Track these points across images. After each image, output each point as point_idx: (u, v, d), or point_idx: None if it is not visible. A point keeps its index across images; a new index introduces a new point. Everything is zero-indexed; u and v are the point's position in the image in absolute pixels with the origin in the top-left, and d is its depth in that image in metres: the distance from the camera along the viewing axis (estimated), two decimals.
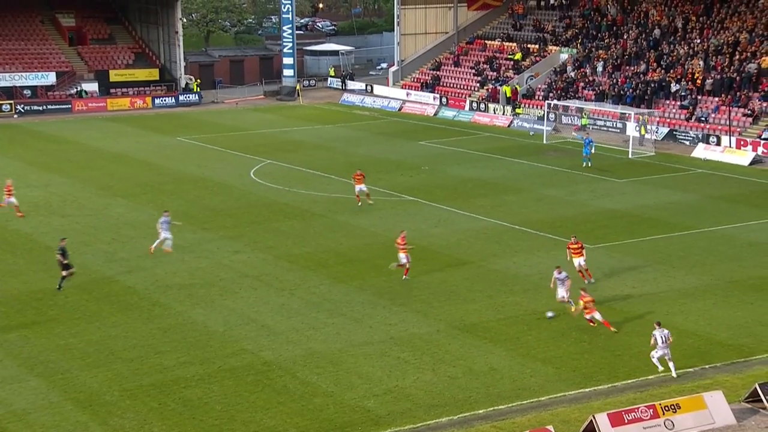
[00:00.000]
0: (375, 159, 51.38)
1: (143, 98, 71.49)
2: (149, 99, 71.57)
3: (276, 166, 49.75)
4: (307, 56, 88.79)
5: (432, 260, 32.64)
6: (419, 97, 71.72)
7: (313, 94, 78.62)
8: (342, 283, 30.27)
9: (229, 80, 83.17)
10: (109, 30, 76.59)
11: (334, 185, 44.73)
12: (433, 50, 77.36)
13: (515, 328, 26.26)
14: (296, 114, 68.99)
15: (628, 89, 59.65)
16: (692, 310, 27.38)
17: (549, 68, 67.83)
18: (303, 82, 79.87)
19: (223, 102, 74.55)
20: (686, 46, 61.32)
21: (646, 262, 32.00)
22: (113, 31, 76.73)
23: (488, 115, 64.62)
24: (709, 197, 41.74)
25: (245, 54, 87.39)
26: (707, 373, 23.26)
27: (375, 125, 63.66)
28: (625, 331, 26.00)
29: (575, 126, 58.87)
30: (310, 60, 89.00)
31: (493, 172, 47.60)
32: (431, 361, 24.10)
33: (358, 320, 27.07)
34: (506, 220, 37.84)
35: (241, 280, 30.67)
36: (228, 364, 23.97)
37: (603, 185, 44.25)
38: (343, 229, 36.72)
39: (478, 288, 29.74)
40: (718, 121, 54.21)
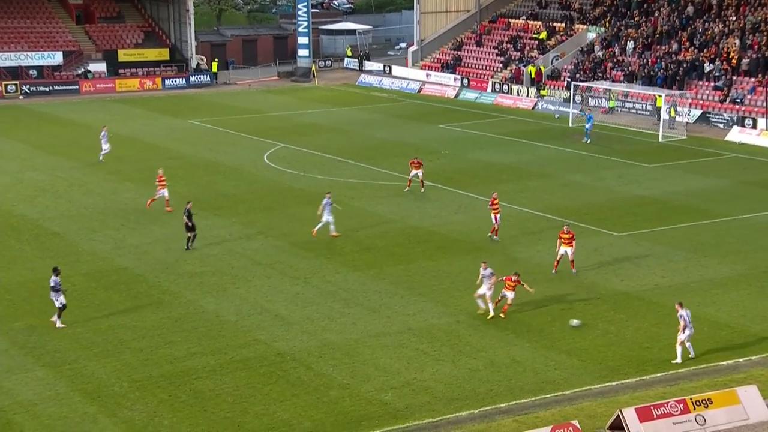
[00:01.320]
0: (393, 143, 51.31)
1: (153, 79, 71.69)
2: (159, 80, 71.77)
3: (290, 150, 49.77)
4: (322, 36, 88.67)
5: (452, 248, 32.59)
6: (439, 79, 71.48)
7: (329, 75, 78.54)
8: (358, 272, 30.30)
9: (241, 61, 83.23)
10: (118, 8, 76.79)
11: (351, 170, 44.72)
12: (454, 29, 77.01)
13: (539, 319, 26.20)
14: (311, 96, 68.95)
15: (658, 70, 59.16)
16: (725, 301, 27.20)
17: (576, 48, 67.38)
18: (318, 63, 79.81)
19: (235, 83, 74.65)
20: (721, 23, 60.66)
21: (676, 251, 31.81)
22: (122, 9, 76.92)
23: (511, 97, 64.32)
24: (743, 183, 41.38)
25: (258, 33, 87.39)
26: (741, 366, 23.12)
27: (393, 108, 63.52)
28: (653, 322, 25.87)
29: (603, 108, 58.49)
30: (326, 39, 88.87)
31: (516, 156, 47.42)
32: (451, 353, 24.10)
33: (375, 310, 27.10)
34: (530, 206, 37.69)
35: (254, 267, 30.76)
36: (240, 355, 24.08)
37: (631, 170, 43.98)
38: (359, 216, 36.71)
39: (500, 277, 29.60)
40: (754, 102, 53.66)
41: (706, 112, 54.91)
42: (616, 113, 57.93)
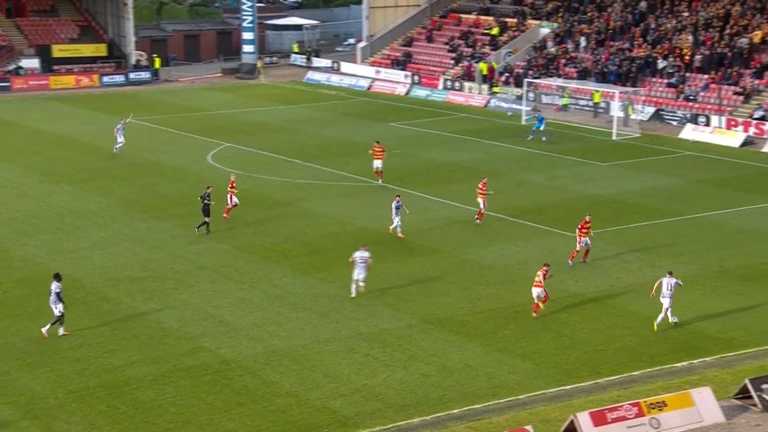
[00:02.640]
0: (342, 141, 51.28)
1: (90, 76, 70.68)
2: (96, 77, 70.77)
3: (235, 149, 49.47)
4: (268, 31, 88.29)
5: (404, 250, 32.69)
6: (389, 75, 71.62)
7: (276, 72, 78.23)
8: (307, 275, 30.23)
9: (183, 57, 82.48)
10: (52, 1, 75.56)
11: (299, 170, 44.60)
12: (404, 25, 77.25)
13: (492, 322, 26.40)
14: (257, 93, 68.61)
15: (612, 66, 60.01)
16: (679, 302, 27.64)
17: (528, 44, 68.05)
18: (264, 59, 79.42)
19: (177, 80, 73.96)
20: (674, 19, 61.77)
21: (630, 251, 32.30)
22: (56, 2, 75.72)
23: (463, 95, 64.73)
24: (697, 181, 42.18)
25: (201, 28, 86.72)
26: (695, 368, 23.55)
27: (342, 105, 63.49)
28: (608, 324, 26.24)
29: (556, 106, 59.17)
30: (272, 35, 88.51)
31: (468, 155, 47.73)
32: (402, 358, 24.16)
33: (324, 315, 27.06)
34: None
35: (197, 272, 30.51)
36: (183, 363, 23.86)
37: (585, 169, 44.55)
38: (308, 218, 36.64)
39: (452, 280, 29.85)
40: (708, 99, 54.74)
41: (659, 110, 55.84)
42: (569, 111, 58.61)
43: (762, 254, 31.88)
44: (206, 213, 34.22)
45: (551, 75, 61.99)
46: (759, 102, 52.71)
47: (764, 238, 33.57)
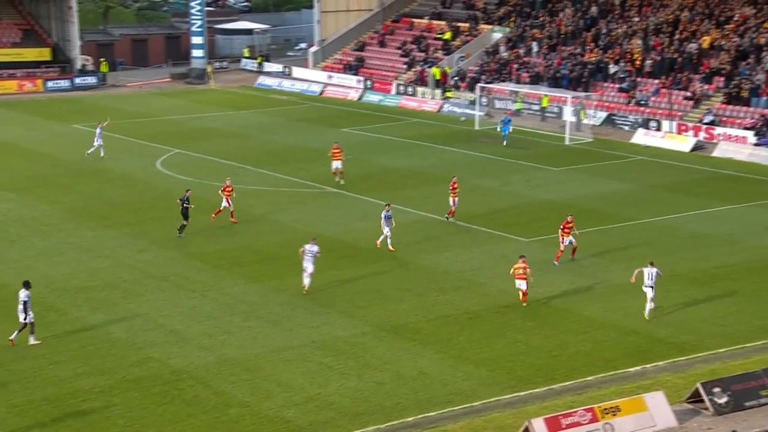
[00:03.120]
0: (294, 147, 51.18)
1: (33, 81, 69.65)
2: (40, 82, 69.78)
3: (185, 155, 49.11)
4: (218, 35, 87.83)
5: (357, 257, 32.71)
6: (342, 80, 71.67)
7: (226, 76, 77.83)
8: (259, 283, 30.10)
9: (131, 61, 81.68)
10: None
11: (250, 176, 44.40)
12: (357, 29, 77.39)
13: (446, 329, 26.52)
14: (207, 99, 68.19)
15: (564, 71, 60.71)
16: (632, 306, 28.07)
17: (480, 49, 68.58)
18: (214, 64, 79.02)
19: (125, 85, 73.22)
20: (624, 24, 62.71)
21: (583, 256, 32.67)
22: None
23: (416, 100, 64.99)
24: (649, 186, 42.82)
25: (149, 32, 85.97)
26: (648, 372, 23.88)
27: (294, 111, 63.37)
28: (561, 329, 26.51)
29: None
30: (222, 39, 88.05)
31: (422, 160, 47.92)
32: (356, 366, 24.16)
33: (276, 323, 26.96)
34: (436, 212, 38.13)
35: (146, 281, 30.22)
36: (132, 374, 23.60)
37: (539, 174, 44.99)
38: (260, 225, 36.50)
39: (406, 286, 29.93)
40: (659, 104, 55.62)
41: (611, 114, 56.61)
42: (522, 116, 59.14)
43: (713, 258, 32.46)
44: (185, 216, 34.39)
45: (504, 80, 62.52)
46: (708, 107, 53.71)
47: (715, 243, 34.20)
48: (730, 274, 30.83)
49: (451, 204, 36.33)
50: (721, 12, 59.19)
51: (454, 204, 36.32)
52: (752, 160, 47.26)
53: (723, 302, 28.36)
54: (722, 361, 24.33)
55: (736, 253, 32.96)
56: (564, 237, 31.85)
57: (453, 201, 36.31)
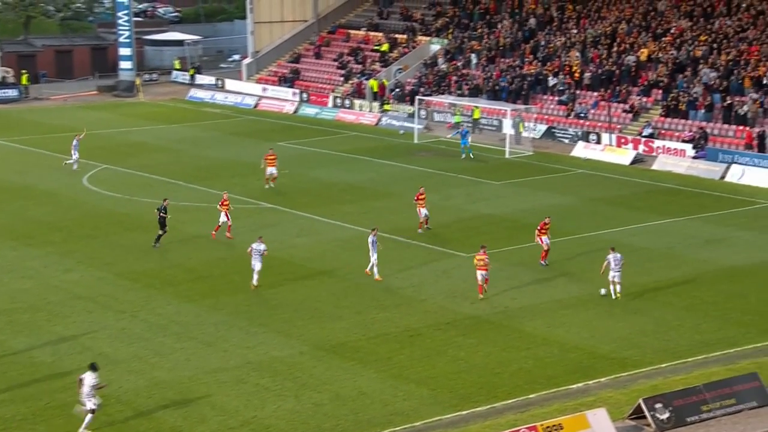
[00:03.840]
0: (228, 162, 50.86)
1: None
2: None
3: (113, 171, 48.47)
4: (147, 47, 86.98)
5: (294, 274, 32.59)
6: (277, 93, 71.51)
7: (156, 89, 77.10)
8: (192, 303, 29.80)
9: (55, 73, 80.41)
10: None
11: (182, 192, 43.98)
12: (291, 40, 77.36)
13: (386, 347, 26.54)
14: (136, 112, 67.44)
15: (503, 83, 61.45)
16: (574, 322, 28.45)
17: (419, 61, 69.07)
18: (143, 76, 78.22)
19: (48, 98, 72.03)
20: (563, 36, 63.77)
21: (525, 271, 33.03)
22: None
23: (354, 113, 65.15)
24: (589, 200, 43.51)
25: (74, 44, 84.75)
26: (590, 389, 24.19)
27: (227, 124, 63.02)
28: (503, 347, 26.72)
29: (448, 124, 60.17)
30: (151, 51, 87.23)
31: (360, 175, 47.99)
32: (294, 387, 24.04)
33: (210, 344, 26.70)
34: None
35: (73, 302, 29.70)
36: (57, 400, 23.14)
37: (480, 188, 45.40)
38: (193, 242, 36.17)
39: (345, 304, 29.90)
40: (598, 117, 56.61)
41: (551, 127, 57.43)
42: (461, 128, 59.57)
43: (654, 272, 33.08)
44: (162, 226, 35.05)
45: (443, 92, 63.05)
46: (647, 119, 54.82)
47: (655, 256, 34.86)
48: (671, 287, 31.45)
49: (419, 215, 37.34)
50: (658, 24, 60.59)
51: (420, 215, 37.34)
52: (691, 173, 48.35)
53: (664, 316, 28.90)
54: (664, 376, 24.77)
55: (676, 266, 33.65)
56: (541, 237, 33.28)
57: (420, 211, 37.37)
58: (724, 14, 58.84)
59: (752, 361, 25.44)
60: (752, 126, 50.54)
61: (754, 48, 54.63)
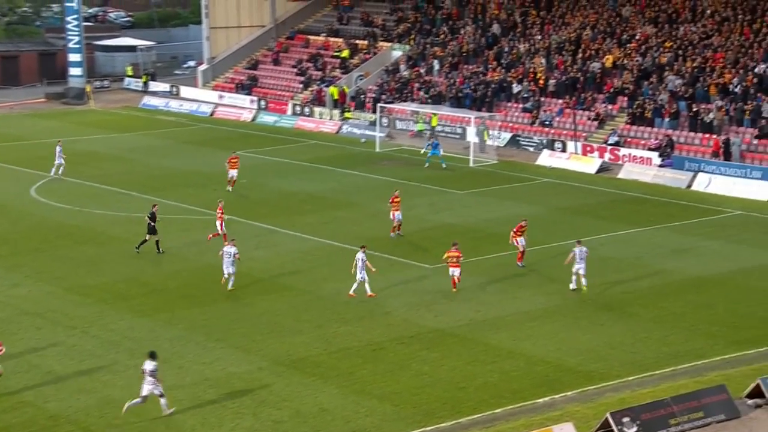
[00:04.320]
0: (183, 172, 50.60)
1: None
2: None
3: (63, 181, 48.01)
4: (98, 52, 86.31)
5: (253, 287, 32.45)
6: (234, 101, 71.31)
7: (107, 96, 76.53)
8: (146, 318, 29.58)
9: (0, 80, 79.41)
10: None
11: (135, 203, 43.67)
12: (249, 46, 77.22)
13: (348, 362, 26.51)
14: (87, 120, 66.88)
15: (466, 90, 61.80)
16: (540, 334, 28.62)
17: (380, 67, 69.27)
18: (94, 83, 77.62)
19: None
20: (527, 42, 64.30)
21: (490, 283, 33.18)
22: None
23: (314, 121, 65.12)
24: (555, 209, 43.84)
25: (20, 49, 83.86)
26: (557, 403, 24.32)
27: (182, 133, 62.70)
28: (468, 360, 26.80)
29: (411, 132, 60.35)
30: (102, 57, 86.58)
31: (320, 184, 47.97)
32: (252, 405, 23.92)
33: (166, 360, 26.44)
34: (337, 239, 38.18)
35: (20, 318, 29.34)
36: (3, 422, 22.83)
37: (443, 197, 45.57)
38: (148, 255, 35.91)
39: (306, 318, 29.83)
40: (563, 125, 57.11)
41: (516, 135, 57.83)
42: (425, 137, 59.82)
43: (621, 283, 33.40)
44: (152, 232, 35.59)
45: (405, 99, 63.25)
46: (613, 127, 55.41)
47: (623, 266, 35.20)
48: (638, 299, 31.76)
49: (393, 219, 38.01)
50: (623, 31, 61.33)
51: (394, 218, 38.01)
52: (657, 182, 48.92)
53: (631, 328, 29.17)
54: (631, 389, 24.98)
55: (643, 277, 34.00)
56: (517, 239, 34.33)
57: (393, 215, 38.02)
58: (689, 20, 59.72)
59: (720, 373, 25.75)
60: (718, 134, 51.27)
61: (719, 55, 55.49)
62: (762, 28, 55.88)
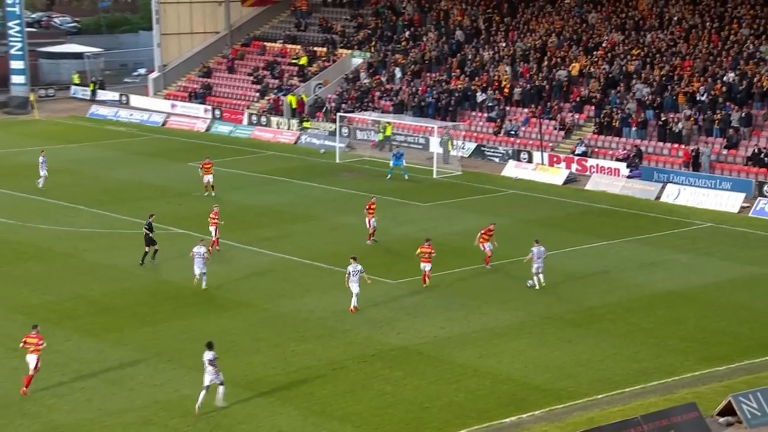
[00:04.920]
0: (134, 184, 50.23)
1: None
2: None
3: (4, 195, 47.48)
4: (42, 60, 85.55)
5: (208, 305, 32.27)
6: (187, 110, 71.00)
7: (53, 106, 75.85)
8: (94, 338, 29.31)
9: None
10: None
11: (83, 217, 43.28)
12: (202, 53, 76.95)
13: (308, 382, 26.42)
14: (30, 131, 66.26)
15: (429, 99, 62.04)
16: (506, 352, 28.71)
17: (340, 75, 69.34)
18: (38, 92, 76.94)
19: None
20: (491, 50, 64.72)
21: (455, 298, 33.25)
22: None
23: (271, 131, 65.00)
24: (522, 221, 44.08)
25: None
26: (524, 423, 24.40)
27: (133, 143, 62.31)
28: (432, 379, 26.81)
29: (372, 142, 60.44)
30: (47, 64, 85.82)
31: (278, 197, 47.85)
32: (207, 428, 23.74)
33: (115, 382, 26.24)
34: (295, 253, 38.09)
35: None
36: None
37: (406, 210, 45.65)
38: (96, 272, 35.60)
39: (263, 336, 29.70)
40: (529, 135, 57.51)
41: (480, 146, 58.12)
42: (386, 147, 59.92)
43: (589, 297, 33.63)
44: (149, 243, 36.13)
45: (366, 108, 63.35)
46: (580, 137, 55.89)
47: (591, 281, 35.45)
48: (607, 314, 32.00)
49: (368, 226, 39.29)
50: (589, 38, 61.94)
51: (369, 225, 39.27)
52: (625, 193, 49.40)
53: (600, 345, 29.37)
54: (600, 407, 25.12)
55: (612, 291, 34.27)
56: (483, 243, 35.66)
57: (369, 222, 39.29)
58: (656, 28, 60.47)
59: (691, 390, 25.99)
60: (687, 144, 51.91)
61: (687, 63, 56.23)
62: (730, 36, 56.71)
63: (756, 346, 29.07)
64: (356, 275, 31.44)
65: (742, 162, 50.00)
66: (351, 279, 31.49)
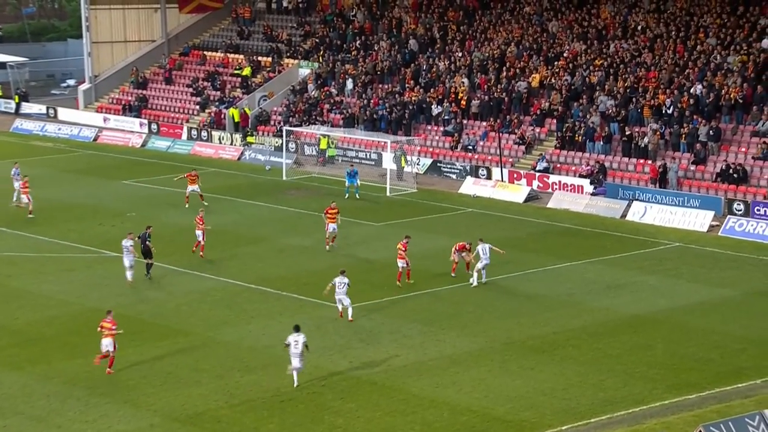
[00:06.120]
0: (63, 204, 49.75)
1: None
2: None
3: None
4: None
5: (143, 333, 31.99)
6: (121, 124, 70.62)
7: None
8: (19, 371, 28.95)
9: None
10: None
11: (6, 240, 42.79)
12: (137, 63, 76.65)
13: (253, 416, 26.28)
14: None
15: (381, 111, 62.27)
16: (465, 381, 28.78)
17: (286, 86, 69.43)
18: None
19: None
20: (447, 60, 65.17)
21: (410, 324, 33.28)
22: None
23: (212, 146, 64.84)
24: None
25: None
26: None
27: (62, 160, 61.77)
28: (387, 411, 26.81)
29: (321, 158, 60.47)
30: None
31: (220, 217, 47.64)
32: None
33: (41, 419, 25.91)
34: (239, 278, 37.93)
35: None
36: None
37: (357, 230, 45.69)
38: (20, 299, 35.20)
39: (204, 367, 29.50)
40: (488, 150, 57.91)
41: (437, 161, 58.42)
42: (336, 163, 60.02)
43: (552, 322, 33.85)
44: (147, 255, 37.17)
45: (314, 122, 63.40)
46: (541, 152, 56.37)
47: (554, 305, 35.70)
48: (571, 339, 32.23)
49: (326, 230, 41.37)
50: (550, 47, 62.56)
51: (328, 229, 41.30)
52: (589, 212, 49.87)
53: (564, 372, 29.55)
54: None
55: (576, 315, 34.53)
56: (456, 253, 37.77)
57: (328, 226, 41.19)
58: (620, 37, 61.23)
59: (659, 420, 26.23)
60: (654, 159, 52.53)
61: (652, 74, 56.96)
62: (696, 46, 57.55)
63: (727, 373, 29.43)
64: (343, 287, 32.75)
65: (711, 178, 50.67)
66: (338, 290, 32.77)
